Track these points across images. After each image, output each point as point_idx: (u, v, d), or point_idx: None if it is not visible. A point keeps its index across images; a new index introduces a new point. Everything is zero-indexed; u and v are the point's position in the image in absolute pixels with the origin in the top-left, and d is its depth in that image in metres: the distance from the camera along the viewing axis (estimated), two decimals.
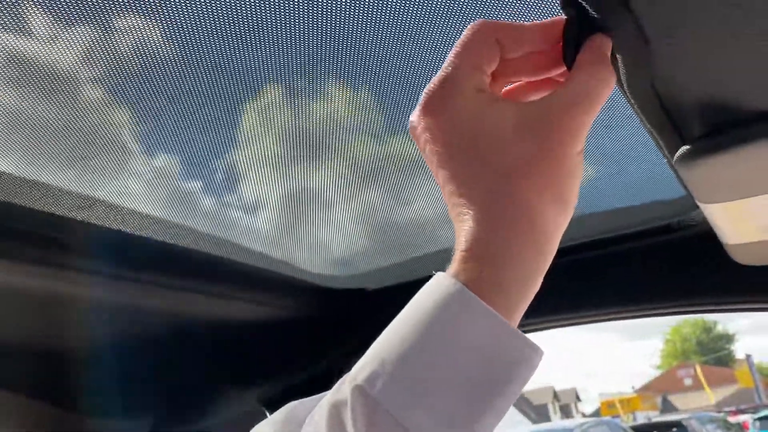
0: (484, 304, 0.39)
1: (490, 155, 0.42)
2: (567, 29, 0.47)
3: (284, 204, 1.11)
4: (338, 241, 1.23)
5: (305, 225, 1.19)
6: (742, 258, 0.99)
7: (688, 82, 0.61)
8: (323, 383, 1.48)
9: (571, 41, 0.47)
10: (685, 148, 0.67)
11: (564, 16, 0.48)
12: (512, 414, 34.96)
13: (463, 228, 0.42)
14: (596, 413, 32.57)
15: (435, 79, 0.45)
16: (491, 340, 0.39)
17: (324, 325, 1.43)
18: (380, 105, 0.82)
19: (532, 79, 0.50)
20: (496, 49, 0.45)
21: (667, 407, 36.12)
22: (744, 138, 0.64)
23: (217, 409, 1.43)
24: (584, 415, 36.55)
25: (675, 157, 0.68)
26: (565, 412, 39.03)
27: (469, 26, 0.45)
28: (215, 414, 1.42)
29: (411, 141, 0.55)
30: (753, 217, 0.81)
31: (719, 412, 21.46)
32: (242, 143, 0.89)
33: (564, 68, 0.48)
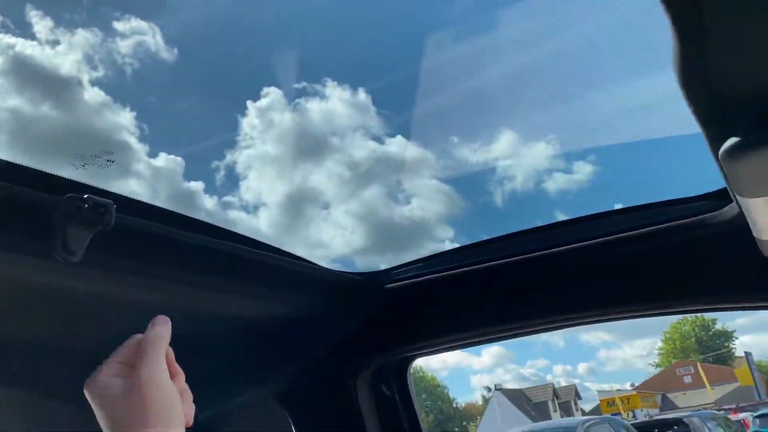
0: None
1: None
2: None
3: (301, 201, 1.08)
4: (357, 237, 1.21)
5: (324, 221, 1.17)
6: None
7: (743, 73, 0.59)
8: (341, 379, 1.46)
9: None
10: (733, 139, 0.65)
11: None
12: (513, 411, 34.97)
13: None
14: (596, 411, 32.56)
15: None
16: None
17: (342, 321, 1.41)
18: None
19: None
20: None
21: (667, 405, 36.12)
22: None
23: (232, 407, 1.41)
24: (584, 413, 36.54)
25: (722, 149, 0.66)
26: (565, 409, 39.03)
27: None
28: (229, 411, 1.40)
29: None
30: None
31: (719, 409, 21.44)
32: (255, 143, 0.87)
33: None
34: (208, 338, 1.26)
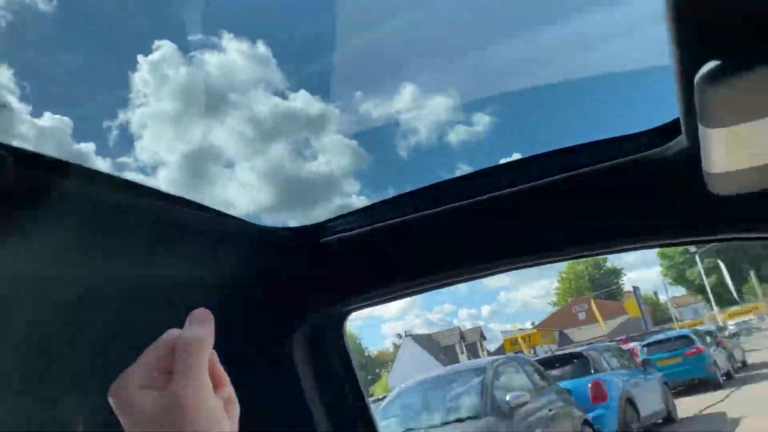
0: None
1: None
2: None
3: (202, 160, 0.97)
4: (263, 195, 1.11)
5: (229, 180, 1.06)
6: (720, 188, 0.98)
7: None
8: (276, 339, 1.38)
9: None
10: (713, 63, 0.62)
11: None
12: (423, 355, 36.20)
13: None
14: (500, 350, 34.28)
15: None
16: None
17: (274, 278, 1.32)
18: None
19: None
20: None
21: (564, 340, 38.62)
22: None
23: None
24: (489, 353, 38.41)
25: (700, 73, 0.63)
26: (472, 351, 40.88)
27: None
28: None
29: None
30: (752, 143, 0.78)
31: (611, 341, 23.15)
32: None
33: None
34: (129, 307, 1.14)
